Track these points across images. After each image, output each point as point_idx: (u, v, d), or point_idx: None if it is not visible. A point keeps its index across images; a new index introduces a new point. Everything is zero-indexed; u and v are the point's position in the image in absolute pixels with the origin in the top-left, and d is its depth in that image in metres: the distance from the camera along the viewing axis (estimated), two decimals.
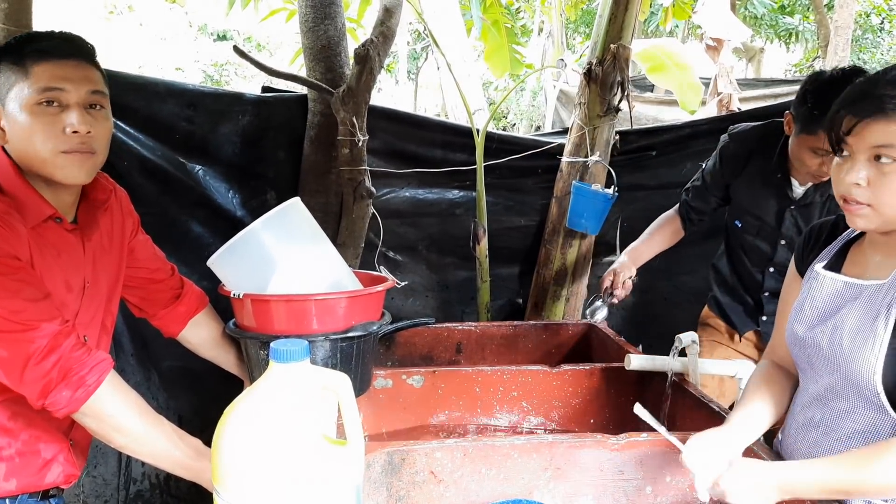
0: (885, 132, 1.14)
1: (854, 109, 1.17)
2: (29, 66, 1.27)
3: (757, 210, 2.18)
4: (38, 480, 1.36)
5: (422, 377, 1.87)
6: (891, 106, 1.13)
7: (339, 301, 1.52)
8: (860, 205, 1.19)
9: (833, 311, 1.29)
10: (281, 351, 0.90)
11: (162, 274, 1.66)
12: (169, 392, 2.62)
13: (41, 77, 1.26)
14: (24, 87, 1.26)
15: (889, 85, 1.15)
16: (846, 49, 5.36)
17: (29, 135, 1.27)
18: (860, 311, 1.23)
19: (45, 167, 1.29)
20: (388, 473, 1.39)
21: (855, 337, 1.22)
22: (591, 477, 1.44)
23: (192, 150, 2.60)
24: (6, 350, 1.19)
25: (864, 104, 1.16)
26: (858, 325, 1.22)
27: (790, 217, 2.11)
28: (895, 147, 1.14)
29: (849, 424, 1.26)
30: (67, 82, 1.28)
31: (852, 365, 1.22)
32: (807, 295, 1.35)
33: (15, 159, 1.31)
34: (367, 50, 2.45)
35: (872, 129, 1.15)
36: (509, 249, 3.08)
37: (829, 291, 1.31)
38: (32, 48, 1.28)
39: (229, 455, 0.89)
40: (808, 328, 1.33)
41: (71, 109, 1.28)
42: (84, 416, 1.23)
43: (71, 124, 1.28)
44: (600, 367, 1.95)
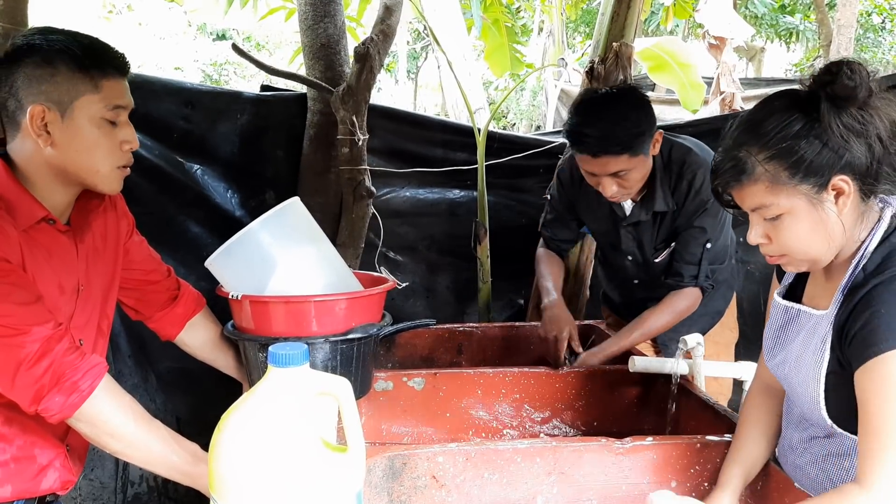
0: (752, 195, 1.14)
1: (720, 181, 1.17)
2: (98, 79, 1.27)
3: (598, 228, 2.23)
4: (34, 487, 1.33)
5: (423, 379, 1.85)
6: (741, 173, 1.13)
7: (339, 302, 1.49)
8: (775, 257, 1.20)
9: (787, 341, 1.28)
10: (279, 355, 0.87)
11: (158, 275, 1.63)
12: (167, 394, 2.60)
13: (112, 94, 1.29)
14: (95, 100, 1.27)
15: (736, 148, 1.14)
16: (849, 48, 5.34)
17: (93, 148, 1.28)
18: (804, 342, 1.22)
19: (95, 178, 1.31)
20: (389, 478, 1.37)
21: (800, 370, 1.22)
22: (595, 482, 1.42)
23: (190, 149, 2.58)
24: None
25: (724, 174, 1.16)
26: (801, 358, 1.22)
27: (625, 233, 2.13)
28: (767, 206, 1.13)
29: (824, 446, 1.25)
30: (125, 100, 1.33)
31: (801, 398, 1.22)
32: (769, 322, 1.34)
33: (48, 163, 1.28)
34: (368, 48, 2.43)
35: (742, 196, 1.16)
36: (510, 249, 3.05)
37: (783, 320, 1.30)
38: (101, 61, 1.28)
39: (226, 462, 0.87)
40: (770, 358, 1.32)
41: (125, 126, 1.33)
42: (78, 421, 1.21)
43: (128, 141, 1.33)
44: (604, 369, 1.93)
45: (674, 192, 1.99)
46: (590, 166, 1.87)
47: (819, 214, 1.11)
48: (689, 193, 1.96)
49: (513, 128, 13.23)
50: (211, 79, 14.54)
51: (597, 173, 1.87)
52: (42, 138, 1.26)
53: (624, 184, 1.89)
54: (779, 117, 1.11)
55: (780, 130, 1.10)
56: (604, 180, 1.88)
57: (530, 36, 11.08)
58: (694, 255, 2.00)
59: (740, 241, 3.17)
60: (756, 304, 3.23)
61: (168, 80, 2.63)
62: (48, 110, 1.24)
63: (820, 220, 1.12)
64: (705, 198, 1.95)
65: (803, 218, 1.12)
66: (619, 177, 1.86)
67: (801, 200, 1.11)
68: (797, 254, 1.16)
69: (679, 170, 1.97)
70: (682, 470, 1.43)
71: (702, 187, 1.96)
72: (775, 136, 1.10)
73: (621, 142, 1.80)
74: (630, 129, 1.81)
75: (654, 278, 2.15)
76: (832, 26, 7.26)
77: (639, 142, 1.83)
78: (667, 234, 2.06)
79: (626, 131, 1.81)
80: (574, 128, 1.85)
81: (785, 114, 1.11)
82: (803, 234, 1.13)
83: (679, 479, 1.42)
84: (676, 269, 2.04)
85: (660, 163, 1.98)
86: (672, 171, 1.98)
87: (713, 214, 1.98)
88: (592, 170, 1.87)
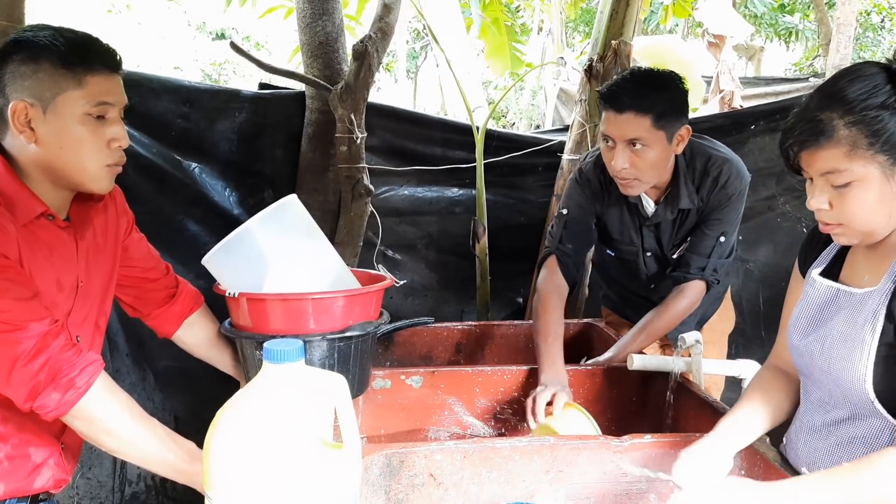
0: (826, 159, 1.13)
1: (790, 143, 1.17)
2: (82, 75, 1.25)
3: (618, 228, 2.14)
4: (28, 485, 1.32)
5: (421, 377, 1.84)
6: (821, 134, 1.12)
7: (337, 300, 1.49)
8: (831, 225, 1.19)
9: (825, 319, 1.28)
10: (275, 351, 0.87)
11: (156, 273, 1.63)
12: (165, 392, 2.60)
13: (96, 90, 1.26)
14: (77, 96, 1.25)
15: (818, 110, 1.14)
16: (848, 47, 5.33)
17: (76, 146, 1.26)
18: (849, 319, 1.22)
19: (82, 177, 1.29)
20: (386, 476, 1.37)
21: (844, 345, 1.21)
22: (593, 479, 1.42)
23: (188, 147, 2.58)
24: None
25: (801, 134, 1.15)
26: (846, 334, 1.22)
27: (648, 232, 2.11)
28: (840, 171, 1.13)
29: (849, 430, 1.25)
30: (114, 97, 1.29)
31: (844, 374, 1.21)
32: (803, 302, 1.34)
33: (37, 160, 1.27)
34: (366, 46, 2.43)
35: (814, 158, 1.15)
36: (509, 248, 3.05)
37: (823, 298, 1.30)
38: (86, 58, 1.26)
39: (221, 459, 0.86)
40: (802, 336, 1.32)
41: (113, 123, 1.30)
42: (74, 418, 1.20)
43: (116, 139, 1.30)
44: (602, 367, 1.92)
45: (699, 188, 1.98)
46: (611, 126, 1.83)
47: (889, 187, 1.12)
48: (716, 188, 1.96)
49: (512, 127, 13.20)
50: (210, 78, 14.52)
51: (615, 138, 1.83)
52: (25, 135, 1.25)
53: (637, 161, 1.84)
54: (865, 86, 1.12)
55: (865, 98, 1.11)
56: (619, 149, 1.84)
57: (530, 35, 11.07)
58: (706, 246, 1.99)
59: (739, 238, 3.19)
60: (755, 302, 3.23)
61: (166, 78, 2.63)
62: (31, 107, 1.23)
63: (889, 193, 1.13)
64: (731, 192, 1.95)
65: (873, 188, 1.12)
66: (634, 148, 1.83)
67: (875, 170, 1.11)
68: (857, 224, 1.16)
69: (704, 167, 1.97)
70: None
71: (728, 181, 1.95)
72: (861, 104, 1.11)
73: (650, 102, 1.80)
74: (662, 97, 1.82)
75: (665, 275, 2.14)
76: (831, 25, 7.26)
77: (666, 113, 1.82)
78: (689, 229, 2.05)
79: (658, 97, 1.82)
80: (611, 83, 1.86)
81: (871, 83, 1.12)
82: (869, 205, 1.14)
83: None
84: (686, 259, 2.03)
85: (683, 163, 1.97)
86: (696, 168, 1.97)
87: (734, 208, 1.98)
88: (613, 131, 1.83)
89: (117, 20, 13.71)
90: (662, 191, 2.00)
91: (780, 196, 3.20)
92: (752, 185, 3.19)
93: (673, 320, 2.01)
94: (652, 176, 1.90)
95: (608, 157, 1.88)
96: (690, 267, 2.01)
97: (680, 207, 2.00)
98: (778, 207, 3.21)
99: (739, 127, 3.15)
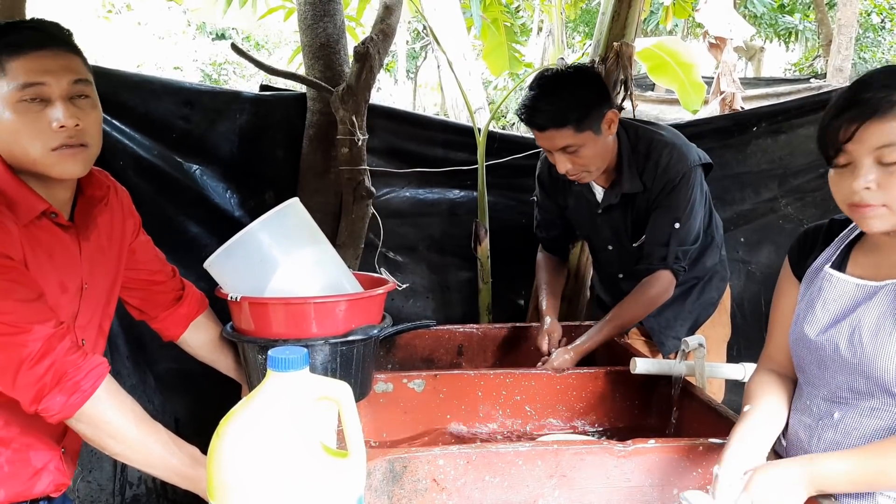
0: (886, 132, 1.13)
1: (850, 115, 1.16)
2: (4, 61, 1.20)
3: (577, 220, 2.25)
4: (28, 490, 1.32)
5: (423, 381, 1.84)
6: (887, 106, 1.13)
7: (339, 304, 1.48)
8: (873, 206, 1.18)
9: (847, 312, 1.28)
10: (279, 359, 0.86)
11: (163, 276, 1.63)
12: (165, 395, 2.59)
13: (18, 73, 1.20)
14: (2, 84, 1.20)
15: (882, 87, 1.14)
16: (849, 47, 5.32)
17: (15, 134, 1.22)
18: (878, 310, 1.23)
19: (36, 166, 1.24)
20: (389, 482, 1.36)
21: (876, 336, 1.22)
22: (597, 484, 1.41)
23: (189, 149, 2.56)
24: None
25: (860, 108, 1.15)
26: (879, 325, 1.22)
27: (602, 222, 2.14)
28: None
29: (872, 422, 1.24)
30: (47, 75, 1.21)
31: (877, 363, 1.21)
32: (817, 297, 1.33)
33: (4, 157, 1.26)
34: (367, 48, 2.42)
35: (872, 132, 1.14)
36: (511, 250, 3.04)
37: (841, 292, 1.30)
38: (4, 42, 1.21)
39: (226, 468, 0.85)
40: (820, 330, 1.31)
41: (55, 103, 1.22)
42: (78, 422, 1.19)
43: (57, 119, 1.21)
44: (605, 371, 1.92)
45: (642, 173, 2.01)
46: (540, 141, 1.93)
47: None
48: (657, 171, 1.98)
49: (512, 127, 13.20)
50: (210, 78, 14.52)
51: (548, 149, 1.93)
52: None
53: (578, 161, 1.91)
54: None
55: None
56: (556, 156, 1.92)
57: (529, 35, 11.06)
58: (662, 234, 2.01)
59: (741, 240, 3.18)
60: (756, 303, 3.22)
61: (167, 79, 2.62)
62: None
63: None
64: (673, 175, 1.97)
65: None
66: (570, 153, 1.90)
67: None
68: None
69: (646, 150, 2.00)
70: (684, 473, 1.42)
71: (669, 164, 1.98)
72: None
73: (564, 115, 1.85)
74: (573, 103, 1.86)
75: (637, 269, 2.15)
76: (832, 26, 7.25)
77: (584, 115, 1.87)
78: (643, 217, 2.07)
79: (569, 105, 1.86)
80: (524, 103, 1.92)
81: None
82: None
83: (681, 482, 1.41)
84: (647, 251, 2.05)
85: (627, 146, 2.01)
86: (639, 152, 2.01)
87: (681, 193, 1.98)
88: (543, 145, 1.93)
89: (118, 20, 13.69)
90: (609, 176, 2.05)
91: (781, 198, 3.19)
92: (754, 187, 3.21)
93: (640, 309, 2.04)
94: (599, 164, 1.97)
95: (552, 162, 1.97)
96: (652, 258, 2.03)
97: (623, 192, 2.03)
98: (780, 209, 3.20)
99: (741, 129, 3.14)
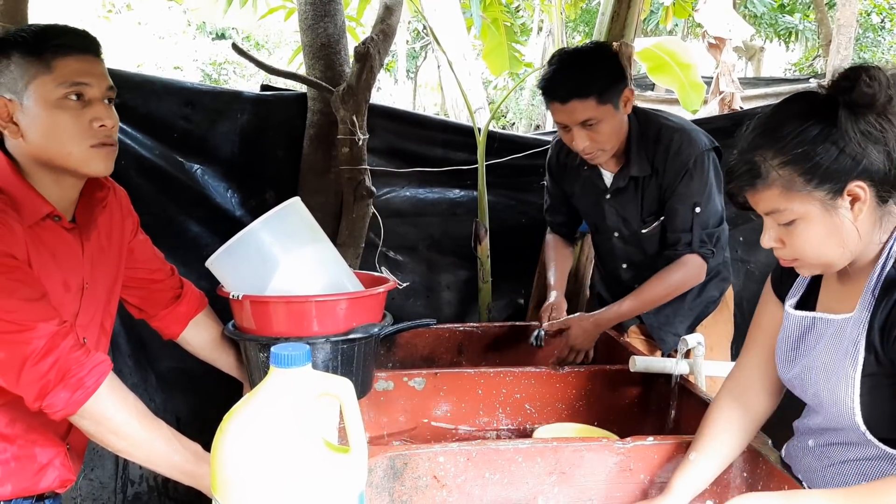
0: (765, 200, 1.13)
1: (734, 184, 1.17)
2: (50, 59, 1.25)
3: (585, 207, 2.26)
4: (34, 485, 1.33)
5: (423, 379, 1.85)
6: (759, 174, 1.12)
7: (340, 302, 1.49)
8: (788, 260, 1.19)
9: (807, 350, 1.26)
10: (282, 356, 0.87)
11: (161, 274, 1.64)
12: (166, 394, 2.60)
13: (66, 72, 1.26)
14: (48, 81, 1.25)
15: (752, 150, 1.13)
16: (849, 48, 5.33)
17: (55, 130, 1.26)
18: (830, 348, 1.21)
19: (70, 161, 1.28)
20: (390, 478, 1.37)
21: (828, 378, 1.20)
22: (596, 481, 1.42)
23: (190, 148, 2.57)
24: (2, 351, 1.16)
25: (738, 178, 1.15)
26: (829, 365, 1.20)
27: (609, 208, 2.15)
28: (782, 211, 1.13)
29: (840, 454, 1.24)
30: (90, 77, 1.28)
31: (832, 407, 1.20)
32: (782, 334, 1.32)
33: (29, 155, 1.28)
34: (368, 48, 2.43)
35: (755, 200, 1.15)
36: (511, 249, 3.05)
37: (799, 330, 1.28)
38: (53, 42, 1.26)
39: (229, 463, 0.86)
40: (787, 369, 1.30)
41: (95, 104, 1.29)
42: (82, 418, 1.21)
43: (98, 118, 1.29)
44: (604, 369, 1.93)
45: (653, 158, 2.02)
46: (560, 115, 1.93)
47: (833, 220, 1.11)
48: (668, 156, 1.99)
49: (512, 127, 13.21)
50: (210, 78, 14.52)
51: (567, 123, 1.93)
52: (9, 130, 1.26)
53: (595, 137, 1.93)
54: (795, 122, 1.10)
55: (796, 136, 1.09)
56: (575, 132, 1.93)
57: (529, 35, 11.07)
58: (684, 221, 2.01)
59: (740, 240, 3.19)
60: (755, 303, 3.20)
61: (168, 79, 2.63)
62: (10, 102, 1.25)
63: (834, 226, 1.11)
64: (685, 159, 1.98)
65: (817, 223, 1.11)
66: (589, 127, 1.91)
67: (816, 206, 1.10)
68: (810, 258, 1.16)
69: (656, 135, 2.02)
70: None
71: (680, 149, 1.99)
72: (791, 142, 1.09)
73: (588, 85, 1.87)
74: (597, 74, 1.89)
75: (642, 260, 2.16)
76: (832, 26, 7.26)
77: (606, 88, 1.89)
78: (653, 203, 2.07)
79: (593, 76, 1.89)
80: (546, 76, 1.93)
81: (801, 119, 1.10)
82: (817, 240, 1.13)
83: None
84: (671, 239, 2.05)
85: (636, 129, 2.03)
86: (648, 136, 2.03)
87: (698, 177, 1.99)
88: (563, 119, 1.93)
89: (118, 20, 13.70)
90: (619, 160, 2.07)
91: None
92: None
93: (664, 290, 2.04)
94: (613, 143, 1.98)
95: (568, 140, 1.98)
96: (678, 245, 2.04)
97: (631, 175, 2.05)
98: None
99: (740, 128, 3.14)
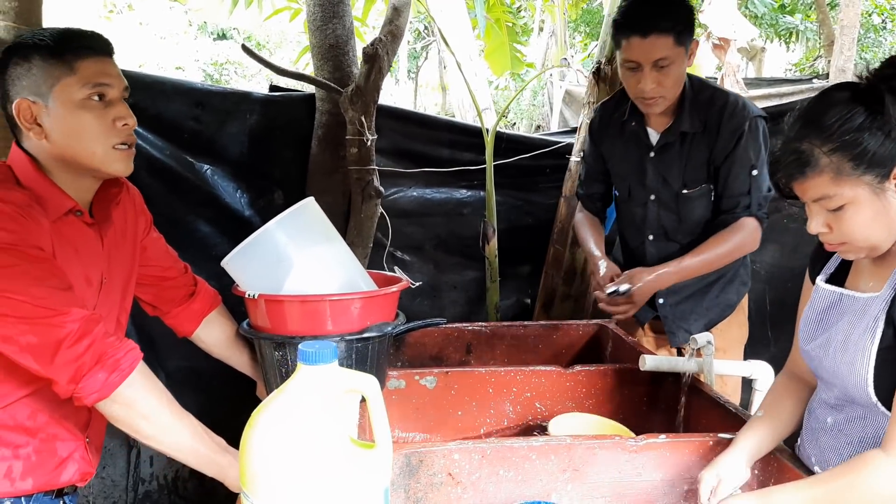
0: (815, 187, 1.16)
1: (781, 175, 1.20)
2: (72, 61, 1.27)
3: (624, 167, 2.21)
4: (54, 479, 1.35)
5: (435, 378, 1.86)
6: (808, 162, 1.15)
7: (355, 302, 1.51)
8: (835, 245, 1.22)
9: (829, 324, 1.30)
10: (310, 353, 0.89)
11: (174, 272, 1.65)
12: (176, 392, 2.55)
13: (88, 73, 1.28)
14: (72, 82, 1.27)
15: (798, 140, 1.16)
16: (852, 48, 5.34)
17: (79, 131, 1.28)
18: (851, 324, 1.25)
19: (94, 161, 1.30)
20: (405, 475, 1.38)
21: (846, 351, 1.24)
22: (609, 479, 1.43)
23: (199, 149, 2.59)
24: (35, 336, 1.16)
25: (786, 167, 1.18)
26: (849, 339, 1.24)
27: (651, 167, 2.12)
28: (830, 197, 1.15)
29: (858, 430, 1.27)
30: (110, 77, 1.31)
31: (848, 378, 1.24)
32: (809, 307, 1.36)
33: (51, 155, 1.30)
34: (377, 49, 2.44)
35: (804, 188, 1.18)
36: (518, 249, 3.07)
37: (826, 304, 1.32)
38: (73, 45, 1.28)
39: (258, 457, 0.88)
40: (808, 340, 1.34)
41: (116, 103, 1.32)
42: (113, 402, 1.21)
43: (121, 117, 1.32)
44: (614, 368, 1.94)
45: (706, 117, 2.02)
46: (636, 51, 1.91)
47: (882, 203, 1.15)
48: (723, 116, 1.99)
49: (513, 127, 13.22)
50: (212, 78, 14.51)
51: (641, 62, 1.91)
52: (34, 132, 1.28)
53: (663, 80, 1.93)
54: (840, 110, 1.14)
55: (842, 123, 1.12)
56: (646, 72, 1.92)
57: (531, 35, 11.08)
58: (742, 184, 2.00)
59: None
60: (761, 302, 3.24)
61: (178, 80, 2.65)
62: (33, 104, 1.27)
63: (882, 209, 1.15)
64: (741, 121, 1.98)
65: (866, 207, 1.15)
66: (659, 69, 1.91)
67: (864, 190, 1.14)
68: (858, 241, 1.18)
69: (710, 96, 2.03)
70: (695, 467, 1.44)
71: (735, 111, 1.99)
72: (838, 129, 1.13)
73: (671, 21, 1.89)
74: (677, 14, 1.91)
75: (675, 228, 2.13)
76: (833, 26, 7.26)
77: (683, 29, 1.91)
78: (697, 166, 2.05)
79: (674, 14, 1.91)
80: (628, 7, 1.93)
81: (846, 106, 1.14)
82: (865, 223, 1.16)
83: (691, 476, 1.44)
84: (727, 204, 2.03)
85: (689, 90, 2.04)
86: (701, 100, 2.03)
87: (754, 140, 1.99)
88: (638, 56, 1.91)
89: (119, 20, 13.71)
90: (668, 118, 2.06)
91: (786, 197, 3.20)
92: None
93: (726, 250, 2.02)
94: (675, 91, 1.99)
95: (633, 82, 1.97)
96: (736, 208, 2.02)
97: (682, 130, 2.04)
98: (784, 209, 3.22)
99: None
